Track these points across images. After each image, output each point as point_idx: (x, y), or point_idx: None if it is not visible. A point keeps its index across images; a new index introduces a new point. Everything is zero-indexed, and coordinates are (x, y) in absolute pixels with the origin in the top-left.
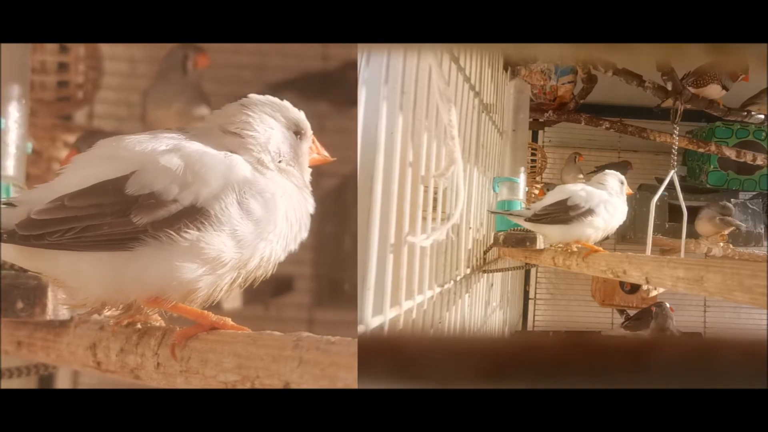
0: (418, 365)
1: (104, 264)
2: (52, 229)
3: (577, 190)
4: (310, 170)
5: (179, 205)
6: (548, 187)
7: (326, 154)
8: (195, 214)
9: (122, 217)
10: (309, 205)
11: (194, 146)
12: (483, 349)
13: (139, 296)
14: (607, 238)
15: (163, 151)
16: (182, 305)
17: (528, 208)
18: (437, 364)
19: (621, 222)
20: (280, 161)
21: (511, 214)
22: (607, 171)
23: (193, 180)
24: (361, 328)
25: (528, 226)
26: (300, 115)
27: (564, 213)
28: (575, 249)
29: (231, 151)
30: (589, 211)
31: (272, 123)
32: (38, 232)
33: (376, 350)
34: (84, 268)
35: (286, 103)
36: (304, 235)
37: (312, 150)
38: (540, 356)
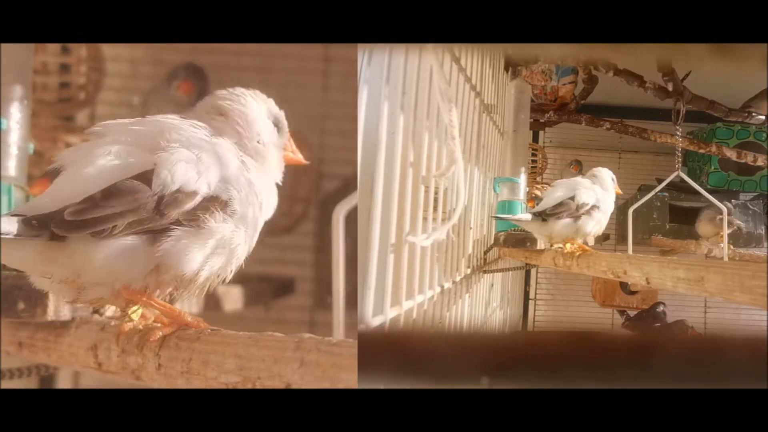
0: (420, 362)
1: (137, 255)
2: (94, 229)
3: (580, 187)
4: (283, 167)
5: (199, 195)
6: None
7: (300, 156)
8: (213, 202)
9: (156, 212)
10: (274, 195)
11: (199, 134)
12: (486, 346)
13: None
14: (607, 238)
15: (174, 146)
16: (158, 301)
17: (534, 212)
18: (439, 361)
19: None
20: (258, 141)
21: (517, 219)
22: (600, 168)
23: (205, 169)
24: (361, 328)
25: (532, 228)
26: (273, 106)
27: (575, 211)
28: (568, 249)
29: (218, 132)
30: (594, 207)
31: (256, 106)
32: (77, 232)
33: (376, 347)
34: (113, 262)
35: (259, 94)
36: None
37: (287, 148)
38: (543, 352)
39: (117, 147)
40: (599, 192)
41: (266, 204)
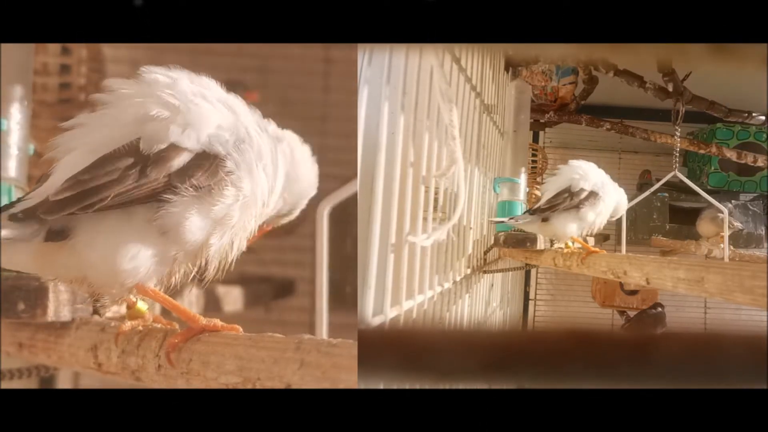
0: (420, 359)
1: (136, 239)
2: (81, 204)
3: (574, 174)
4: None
5: (187, 151)
6: None
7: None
8: (205, 160)
9: (142, 177)
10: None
11: (188, 88)
12: (489, 342)
13: (171, 257)
14: (607, 238)
15: (160, 107)
16: (175, 303)
17: (532, 210)
18: (440, 358)
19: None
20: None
21: (514, 222)
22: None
23: (192, 122)
24: (361, 327)
25: (534, 229)
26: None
27: (571, 199)
28: (575, 249)
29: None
30: (593, 194)
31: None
32: (64, 212)
33: (376, 344)
34: (111, 252)
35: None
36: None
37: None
38: (545, 349)
39: (106, 119)
40: (598, 175)
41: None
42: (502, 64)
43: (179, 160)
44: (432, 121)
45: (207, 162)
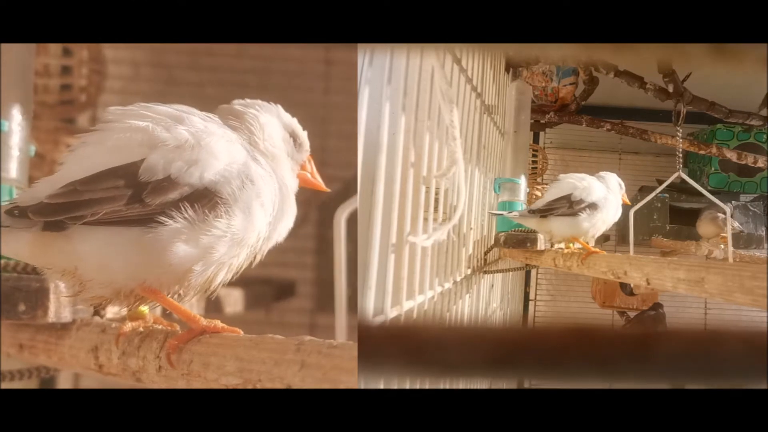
0: (421, 354)
1: (125, 246)
2: (71, 214)
3: (578, 184)
4: (297, 184)
5: (186, 186)
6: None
7: (320, 181)
8: (204, 196)
9: (137, 200)
10: (291, 204)
11: (207, 127)
12: (491, 338)
13: (155, 276)
14: (607, 239)
15: (171, 136)
16: (176, 303)
17: (530, 209)
18: (441, 353)
19: (615, 220)
20: (270, 144)
21: (513, 215)
22: (609, 172)
23: (198, 161)
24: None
25: (532, 225)
26: (294, 121)
27: (569, 207)
28: (575, 249)
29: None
30: (592, 205)
31: (268, 113)
32: (53, 217)
33: (378, 339)
34: (104, 251)
35: (280, 108)
36: (282, 231)
37: (305, 168)
38: (547, 346)
39: (115, 137)
40: (601, 190)
41: (276, 209)
42: (503, 65)
43: (177, 193)
44: (433, 122)
45: (206, 198)
